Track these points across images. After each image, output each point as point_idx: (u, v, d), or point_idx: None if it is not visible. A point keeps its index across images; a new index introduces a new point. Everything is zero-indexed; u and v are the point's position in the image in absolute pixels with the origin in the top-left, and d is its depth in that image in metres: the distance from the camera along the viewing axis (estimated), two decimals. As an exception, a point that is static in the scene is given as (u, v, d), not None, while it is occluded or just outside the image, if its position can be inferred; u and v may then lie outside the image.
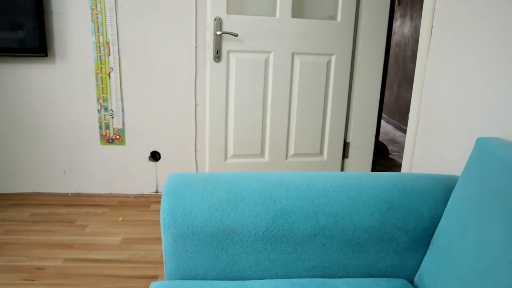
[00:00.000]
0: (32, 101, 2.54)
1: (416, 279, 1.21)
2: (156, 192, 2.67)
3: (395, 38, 5.16)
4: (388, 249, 1.19)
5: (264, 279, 1.16)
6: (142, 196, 2.65)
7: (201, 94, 2.53)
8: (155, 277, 1.85)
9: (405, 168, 1.78)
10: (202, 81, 2.51)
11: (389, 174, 1.29)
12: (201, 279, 1.16)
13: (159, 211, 2.48)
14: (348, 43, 2.44)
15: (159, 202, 2.58)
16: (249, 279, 1.16)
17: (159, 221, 2.36)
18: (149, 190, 2.67)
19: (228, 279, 1.16)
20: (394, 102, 5.14)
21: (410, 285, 1.18)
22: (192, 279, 1.16)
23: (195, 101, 2.56)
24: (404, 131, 4.81)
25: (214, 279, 1.16)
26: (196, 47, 2.48)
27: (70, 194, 2.67)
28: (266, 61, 2.37)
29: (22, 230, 2.27)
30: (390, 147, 4.11)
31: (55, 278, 1.85)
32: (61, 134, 2.58)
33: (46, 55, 2.41)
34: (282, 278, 1.16)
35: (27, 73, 2.49)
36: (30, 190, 2.69)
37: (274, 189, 1.16)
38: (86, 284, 1.81)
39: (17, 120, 2.57)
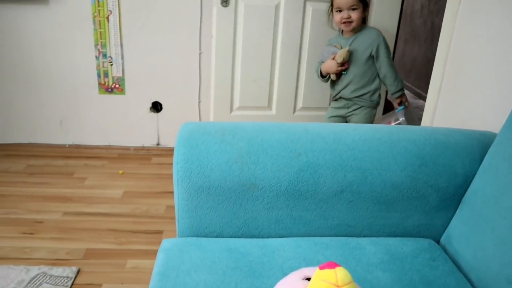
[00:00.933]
0: (25, 47, 2.38)
1: (443, 239, 1.14)
2: (157, 144, 2.56)
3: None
4: (417, 207, 1.11)
5: (285, 237, 1.08)
6: (142, 148, 2.55)
7: (206, 42, 2.37)
8: (159, 232, 1.79)
9: (425, 123, 1.69)
10: (207, 28, 2.34)
11: (421, 127, 1.19)
12: (216, 236, 1.08)
13: (161, 164, 2.39)
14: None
15: (160, 155, 2.48)
16: (268, 237, 1.08)
17: (161, 174, 2.27)
18: (150, 142, 2.56)
19: (246, 237, 1.08)
20: (399, 59, 4.99)
21: (437, 245, 1.11)
22: (206, 236, 1.08)
23: (200, 49, 2.40)
24: (409, 89, 4.69)
25: (231, 237, 1.08)
26: (201, -10, 2.30)
27: (67, 146, 2.56)
28: (277, 8, 2.22)
29: (18, 182, 2.17)
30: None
31: (55, 232, 1.77)
32: (57, 82, 2.43)
33: (38, -4, 2.23)
34: (303, 237, 1.09)
35: (20, 16, 2.31)
36: (25, 141, 2.57)
37: (298, 141, 1.05)
38: (88, 238, 1.74)
39: (9, 67, 2.41)
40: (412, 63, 4.66)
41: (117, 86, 2.44)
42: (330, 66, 1.98)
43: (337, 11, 1.92)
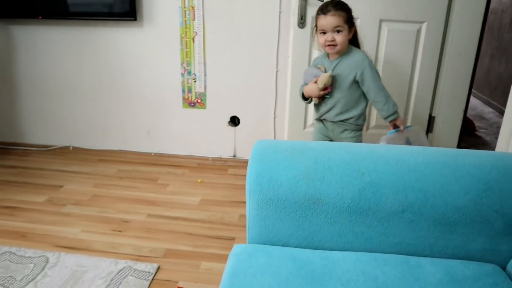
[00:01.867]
0: (120, 64, 2.66)
1: (509, 266, 1.13)
2: (234, 156, 2.72)
3: (490, 4, 4.74)
4: (481, 231, 1.12)
5: (346, 251, 1.15)
6: (220, 159, 2.72)
7: (283, 61, 2.50)
8: (231, 239, 1.91)
9: (500, 147, 1.66)
10: (284, 48, 2.47)
11: (488, 152, 1.20)
12: (283, 245, 1.17)
13: (236, 175, 2.53)
14: (441, 9, 2.27)
15: (236, 167, 2.63)
16: (330, 250, 1.15)
17: (236, 185, 2.42)
18: (227, 154, 2.73)
19: (309, 248, 1.16)
20: (484, 75, 4.77)
21: (502, 271, 1.11)
22: (273, 244, 1.17)
23: (276, 68, 2.53)
24: (494, 107, 4.47)
25: (296, 247, 1.16)
26: (279, 12, 2.43)
27: (152, 154, 2.81)
28: (352, 28, 2.28)
29: (110, 185, 2.43)
30: (477, 123, 3.85)
31: (140, 231, 1.97)
32: (146, 96, 2.69)
33: (135, 19, 2.49)
34: (364, 252, 1.15)
35: (117, 37, 2.60)
36: (116, 148, 2.86)
37: (362, 161, 1.12)
38: (168, 239, 1.92)
39: (107, 82, 2.71)
40: (498, 80, 4.45)
41: (199, 101, 2.64)
42: (312, 90, 1.87)
43: (321, 33, 1.82)
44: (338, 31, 1.79)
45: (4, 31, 2.74)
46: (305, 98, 1.98)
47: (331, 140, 2.00)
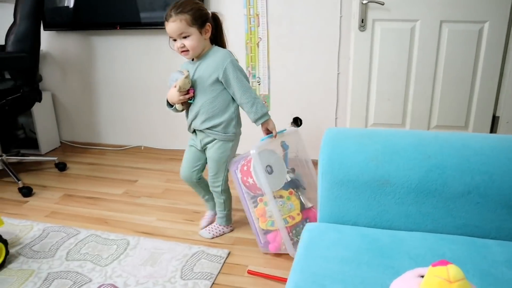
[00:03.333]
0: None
1: None
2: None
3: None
4: (549, 215, 1.15)
5: (413, 231, 1.21)
6: (281, 159, 2.83)
7: (344, 63, 2.59)
8: (296, 230, 2.01)
9: None
10: (345, 50, 2.56)
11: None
12: (352, 225, 1.26)
13: (297, 173, 2.63)
14: (504, 8, 2.27)
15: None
16: (398, 230, 1.23)
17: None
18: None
19: (378, 228, 1.24)
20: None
21: None
22: (343, 223, 1.26)
23: (338, 70, 2.63)
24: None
25: (364, 226, 1.25)
26: (340, 17, 2.53)
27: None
28: (412, 30, 2.34)
29: (180, 180, 2.58)
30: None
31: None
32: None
33: (204, 27, 2.68)
34: (430, 232, 1.21)
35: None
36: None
37: (428, 145, 1.20)
38: (236, 229, 2.05)
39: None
40: None
41: (263, 102, 2.78)
42: (172, 95, 1.74)
43: (173, 39, 1.70)
44: (185, 37, 1.66)
45: (87, 41, 3.03)
46: (170, 104, 1.83)
47: (203, 152, 1.89)
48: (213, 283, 1.67)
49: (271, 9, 2.61)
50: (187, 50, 1.69)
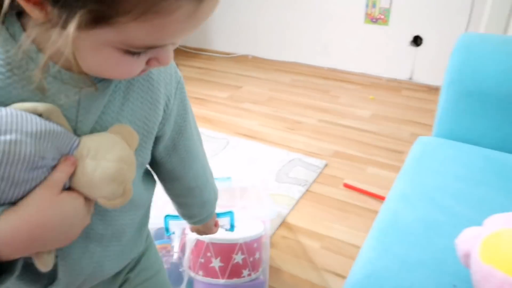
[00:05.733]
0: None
1: None
2: (410, 79, 2.60)
3: None
4: None
5: (548, 161, 1.04)
6: (394, 80, 2.62)
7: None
8: (401, 152, 1.88)
9: None
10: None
11: None
12: (474, 144, 1.11)
13: (409, 97, 2.43)
14: None
15: (411, 89, 2.52)
16: (528, 157, 1.06)
17: (409, 106, 2.32)
18: (402, 76, 2.61)
19: (504, 152, 1.08)
20: None
21: None
22: (464, 142, 1.12)
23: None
24: None
25: (486, 148, 1.09)
26: None
27: (325, 68, 2.84)
28: None
29: (284, 91, 2.56)
30: None
31: (311, 132, 2.07)
32: (327, 9, 2.68)
33: None
34: None
35: None
36: (292, 60, 2.95)
37: None
38: (337, 142, 1.97)
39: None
40: None
41: (382, 17, 2.54)
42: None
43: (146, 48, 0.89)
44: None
45: None
46: None
47: None
48: (307, 190, 1.64)
49: None
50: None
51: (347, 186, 1.66)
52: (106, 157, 0.47)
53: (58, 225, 0.45)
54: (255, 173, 1.74)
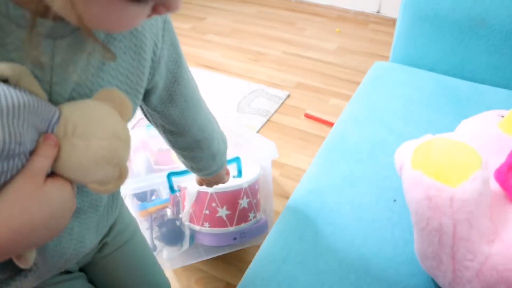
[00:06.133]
0: None
1: None
2: (378, 12, 2.55)
3: None
4: None
5: (499, 87, 1.05)
6: (362, 13, 2.57)
7: None
8: (363, 85, 1.88)
9: None
10: None
11: None
12: (428, 70, 1.11)
13: (376, 31, 2.40)
14: None
15: (378, 23, 2.48)
16: (482, 84, 1.06)
17: (376, 39, 2.29)
18: (370, 9, 2.56)
19: (458, 78, 1.08)
20: None
21: None
22: (418, 68, 1.12)
23: None
24: None
25: (442, 74, 1.10)
26: None
27: (293, 0, 2.75)
28: None
29: (249, 22, 2.48)
30: None
31: (274, 64, 2.03)
32: None
33: None
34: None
35: None
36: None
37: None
38: (300, 74, 1.95)
39: None
40: None
41: None
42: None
43: None
44: None
45: None
46: None
47: None
48: (268, 120, 1.64)
49: None
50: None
51: (308, 116, 1.66)
52: (97, 135, 0.37)
53: (45, 221, 0.36)
54: (216, 104, 1.71)
